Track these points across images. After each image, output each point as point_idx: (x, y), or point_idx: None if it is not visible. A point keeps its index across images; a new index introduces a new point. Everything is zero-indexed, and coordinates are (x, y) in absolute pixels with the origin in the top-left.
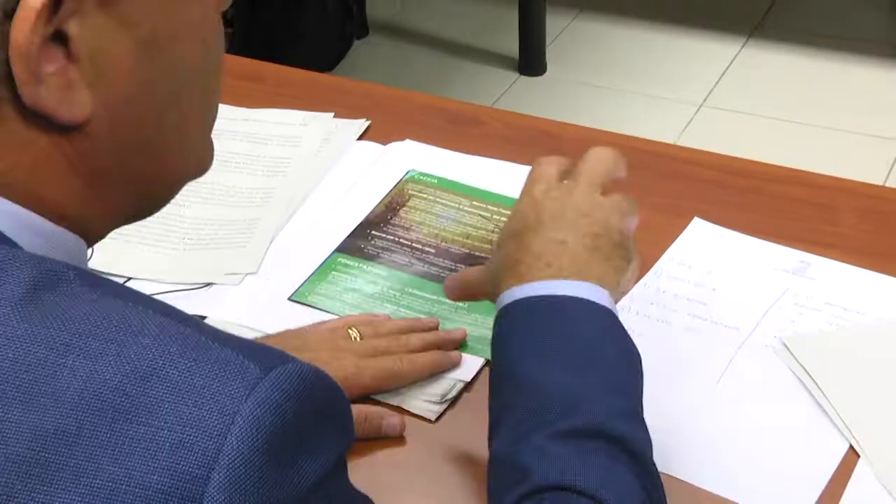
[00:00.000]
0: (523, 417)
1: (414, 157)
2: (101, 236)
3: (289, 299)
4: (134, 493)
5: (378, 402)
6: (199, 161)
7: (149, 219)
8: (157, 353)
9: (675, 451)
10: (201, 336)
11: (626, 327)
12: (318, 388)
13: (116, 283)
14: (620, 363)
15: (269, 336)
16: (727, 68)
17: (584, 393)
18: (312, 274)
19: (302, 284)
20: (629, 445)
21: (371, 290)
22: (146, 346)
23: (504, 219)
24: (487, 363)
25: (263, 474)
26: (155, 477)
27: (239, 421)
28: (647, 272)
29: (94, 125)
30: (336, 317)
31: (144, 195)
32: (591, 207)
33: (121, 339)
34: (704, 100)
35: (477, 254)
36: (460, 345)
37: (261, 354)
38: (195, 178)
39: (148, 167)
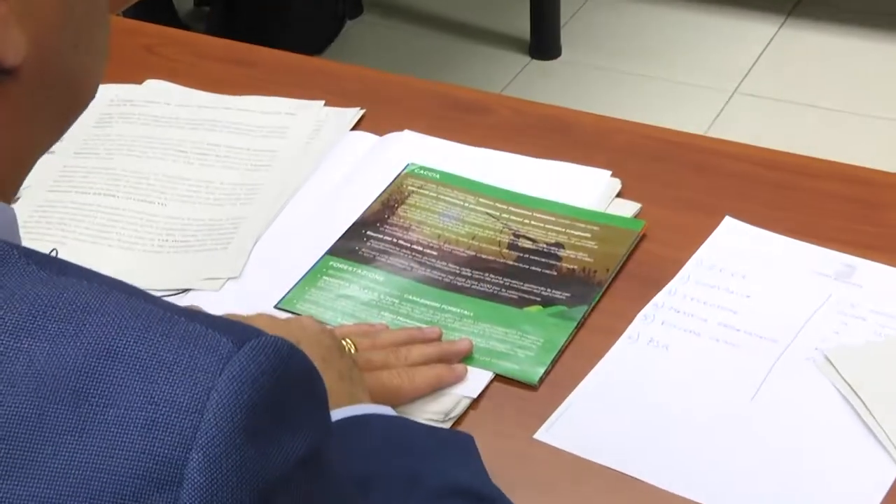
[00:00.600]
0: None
1: (413, 149)
2: (14, 193)
3: (275, 307)
4: (105, 480)
5: None
6: (98, 83)
7: (120, 218)
8: (120, 329)
9: (704, 476)
10: (165, 311)
11: (650, 338)
12: (294, 362)
13: (66, 261)
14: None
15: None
16: (763, 51)
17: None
18: (301, 279)
19: (290, 291)
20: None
21: (366, 297)
22: (106, 323)
23: (515, 217)
24: (496, 377)
25: (245, 452)
26: (127, 460)
27: (215, 396)
28: (673, 277)
29: (27, 67)
30: (328, 327)
31: (59, 132)
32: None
33: (78, 317)
34: (738, 86)
35: (484, 256)
36: (466, 357)
37: (232, 328)
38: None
39: (69, 101)
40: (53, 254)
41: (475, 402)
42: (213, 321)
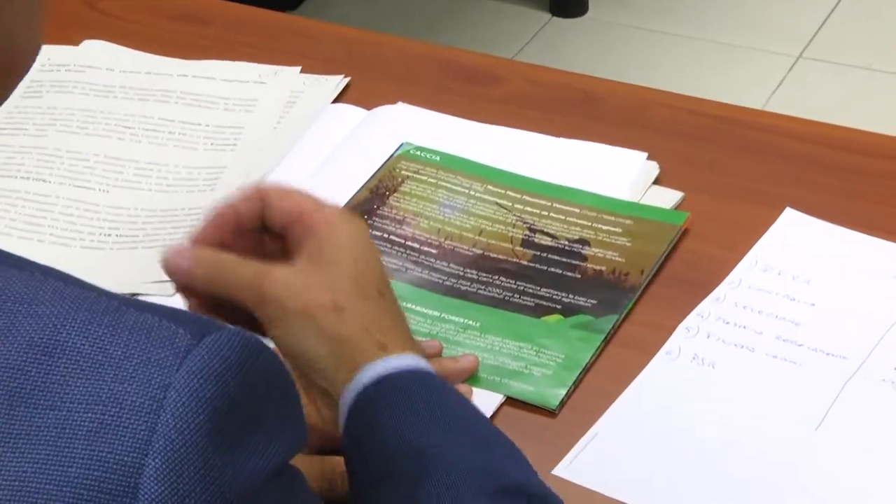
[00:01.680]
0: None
1: (408, 125)
2: None
3: None
4: (49, 492)
5: None
6: (38, 46)
7: (52, 208)
8: (60, 322)
9: None
10: (111, 301)
11: (693, 354)
12: (263, 359)
13: None
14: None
15: None
16: (834, 8)
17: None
18: None
19: None
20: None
21: None
22: (44, 315)
23: (531, 208)
24: (507, 401)
25: (209, 459)
26: (73, 469)
27: (172, 395)
28: (721, 281)
29: None
30: None
31: None
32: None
33: (10, 309)
34: (803, 50)
35: (493, 255)
36: (470, 377)
37: (190, 319)
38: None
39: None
40: None
41: None
42: (166, 311)
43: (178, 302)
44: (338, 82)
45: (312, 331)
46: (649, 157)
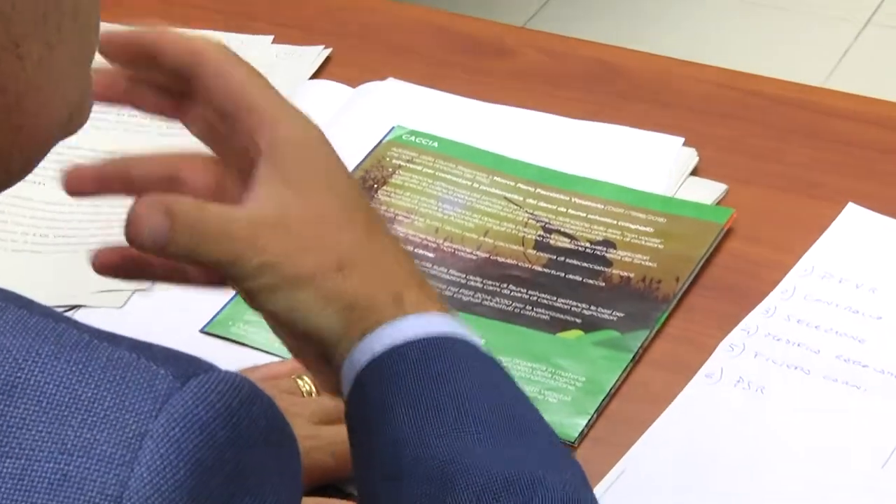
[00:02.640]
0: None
1: (401, 105)
2: None
3: (201, 331)
4: None
5: (344, 495)
6: (71, 111)
7: None
8: (22, 357)
9: None
10: (82, 334)
11: (737, 377)
12: (258, 407)
13: None
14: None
15: None
16: None
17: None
18: (236, 295)
19: (222, 309)
20: None
21: None
22: (3, 348)
23: (546, 204)
24: None
25: None
26: None
27: (149, 444)
28: (771, 291)
29: None
30: (277, 358)
31: None
32: None
33: None
34: (871, 16)
35: (501, 259)
36: None
37: (173, 359)
38: (64, 138)
39: (1, 126)
40: None
41: None
42: (145, 348)
43: (128, 317)
44: (317, 54)
45: (314, 298)
46: (686, 143)
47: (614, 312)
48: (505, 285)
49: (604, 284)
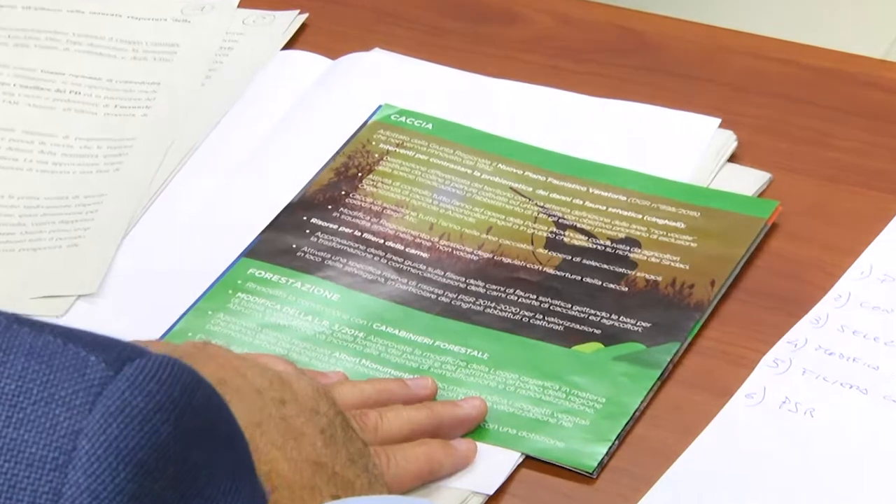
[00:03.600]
0: None
1: (389, 80)
2: None
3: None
4: None
5: None
6: None
7: None
8: None
9: None
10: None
11: (783, 397)
12: (200, 393)
13: None
14: None
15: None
16: None
17: None
18: (201, 298)
19: (181, 317)
20: None
21: (310, 328)
22: None
23: (559, 195)
24: (527, 461)
25: None
26: None
27: (84, 444)
28: (822, 297)
29: None
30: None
31: None
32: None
33: None
34: None
35: (507, 260)
36: (476, 429)
37: (102, 344)
38: None
39: None
40: None
41: (492, 502)
42: (71, 333)
43: (73, 323)
44: (291, 21)
45: None
46: (723, 124)
47: (639, 322)
48: (511, 290)
49: (627, 289)
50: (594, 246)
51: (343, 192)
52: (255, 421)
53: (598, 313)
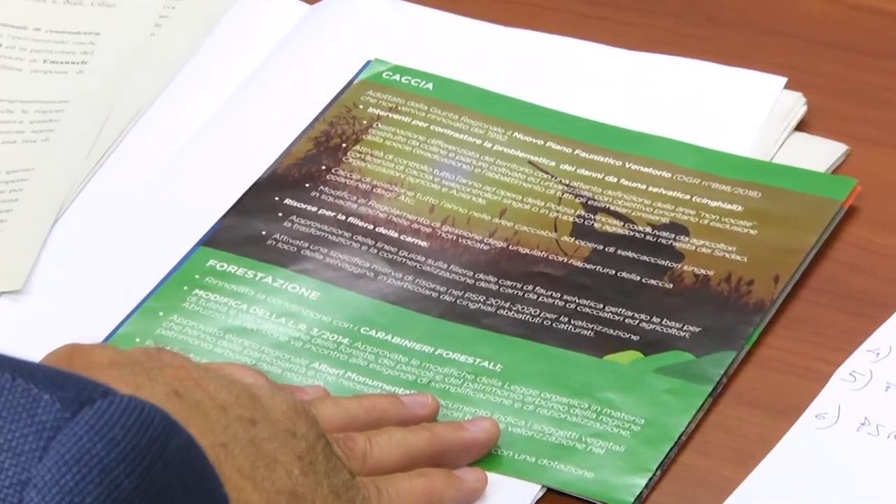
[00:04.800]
0: None
1: (380, 29)
2: None
3: None
4: None
5: None
6: None
7: None
8: None
9: None
10: None
11: (862, 418)
12: (174, 442)
13: None
14: None
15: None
16: None
17: None
18: (150, 295)
19: (126, 319)
20: None
21: (283, 333)
22: None
23: (588, 172)
24: (549, 494)
25: None
26: None
27: (33, 497)
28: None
29: None
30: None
31: None
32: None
33: None
34: None
35: (524, 251)
36: (486, 457)
37: (59, 380)
38: None
39: None
40: None
41: None
42: (22, 366)
43: (26, 335)
44: None
45: None
46: (790, 85)
47: (686, 326)
48: (530, 287)
49: (671, 286)
50: (631, 233)
51: (323, 167)
52: (220, 442)
53: (636, 315)
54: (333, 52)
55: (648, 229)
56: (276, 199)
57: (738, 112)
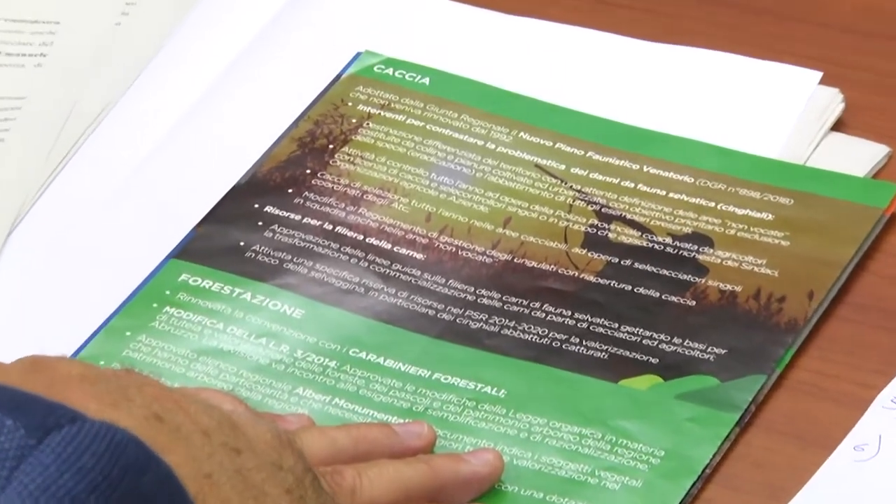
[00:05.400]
0: None
1: (371, 18)
2: None
3: None
4: None
5: None
6: None
7: None
8: None
9: None
10: None
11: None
12: (151, 473)
13: None
14: None
15: None
16: None
17: None
18: (116, 313)
19: (90, 339)
20: None
21: (264, 355)
22: None
23: (602, 177)
24: None
25: None
26: None
27: None
28: None
29: None
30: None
31: None
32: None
33: None
34: None
35: (531, 264)
36: (489, 492)
37: (23, 403)
38: None
39: None
40: None
41: None
42: None
43: None
44: None
45: None
46: (826, 80)
47: (710, 348)
48: (537, 304)
49: (694, 303)
50: (650, 244)
51: (308, 171)
52: (204, 472)
53: (655, 336)
54: (319, 42)
55: (668, 240)
56: (256, 206)
57: (769, 110)
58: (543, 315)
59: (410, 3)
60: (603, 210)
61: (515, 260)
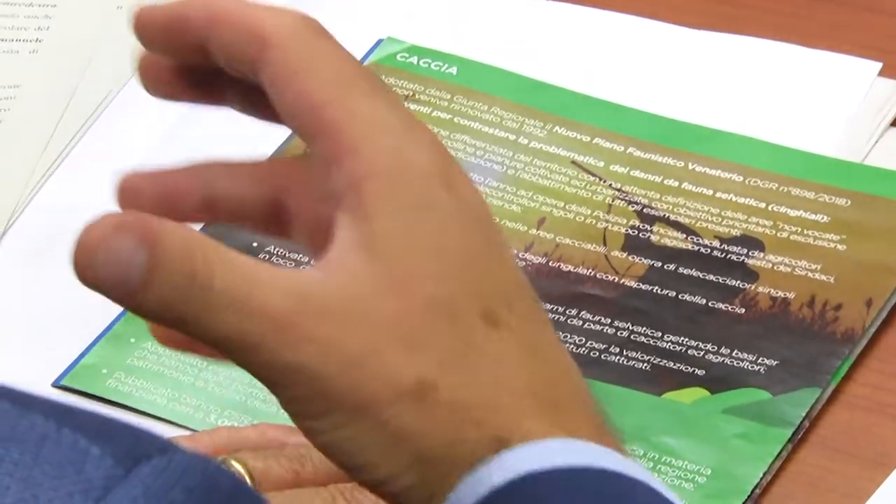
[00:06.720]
0: None
1: (394, 4)
2: None
3: (56, 386)
4: None
5: None
6: None
7: None
8: None
9: None
10: None
11: None
12: (241, 500)
13: None
14: None
15: None
16: None
17: None
18: (122, 315)
19: (89, 349)
20: None
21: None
22: None
23: (642, 174)
24: None
25: None
26: None
27: None
28: None
29: None
30: (185, 431)
31: None
32: None
33: None
34: None
35: (568, 268)
36: None
37: (110, 431)
38: None
39: None
40: None
41: None
42: (70, 414)
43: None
44: None
45: (379, 435)
46: (885, 71)
47: (761, 359)
48: (574, 312)
49: (743, 311)
50: (695, 247)
51: None
52: None
53: (701, 346)
54: (338, 28)
55: (716, 243)
56: None
57: (824, 103)
58: (581, 323)
59: None
60: (645, 210)
61: (550, 263)
